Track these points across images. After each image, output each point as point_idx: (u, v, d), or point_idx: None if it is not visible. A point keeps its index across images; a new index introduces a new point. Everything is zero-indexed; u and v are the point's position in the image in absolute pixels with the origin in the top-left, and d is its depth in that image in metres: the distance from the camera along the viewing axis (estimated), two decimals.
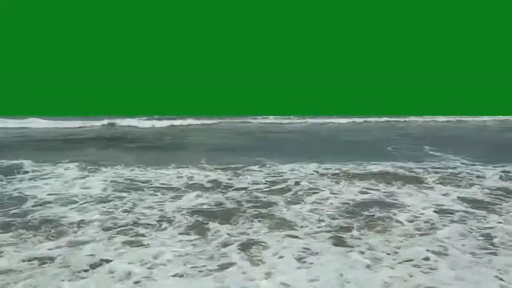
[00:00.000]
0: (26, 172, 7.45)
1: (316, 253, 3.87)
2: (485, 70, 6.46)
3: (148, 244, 4.08)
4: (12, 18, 6.19)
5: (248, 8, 6.25)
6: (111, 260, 3.70)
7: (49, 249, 3.94)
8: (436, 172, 7.40)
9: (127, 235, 4.34)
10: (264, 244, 4.09)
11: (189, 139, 12.90)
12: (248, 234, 4.37)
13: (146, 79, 6.61)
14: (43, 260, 3.71)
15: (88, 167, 7.82)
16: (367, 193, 6.05)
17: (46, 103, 6.75)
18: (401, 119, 19.33)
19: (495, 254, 3.89)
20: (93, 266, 3.61)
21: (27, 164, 7.98)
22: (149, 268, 3.57)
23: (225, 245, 4.07)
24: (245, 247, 4.02)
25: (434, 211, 5.16)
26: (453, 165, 8.12)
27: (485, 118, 19.52)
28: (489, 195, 5.92)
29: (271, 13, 6.26)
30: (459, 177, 7.06)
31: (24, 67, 6.41)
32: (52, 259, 3.74)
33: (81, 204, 5.50)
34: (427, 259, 3.75)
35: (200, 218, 4.88)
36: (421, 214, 5.06)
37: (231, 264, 3.64)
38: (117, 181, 6.73)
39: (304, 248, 4.00)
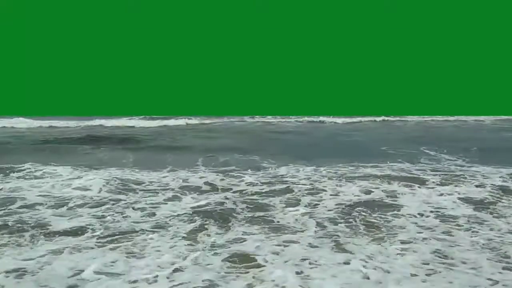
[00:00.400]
0: (17, 171, 7.22)
1: (317, 266, 3.60)
2: (484, 70, 6.37)
3: (135, 255, 3.80)
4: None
5: (243, 8, 6.13)
6: (90, 278, 3.39)
7: (27, 260, 3.66)
8: (438, 175, 7.14)
9: (115, 243, 4.07)
10: (260, 255, 3.80)
11: (185, 140, 12.63)
12: (246, 241, 4.12)
13: (139, 78, 6.47)
14: (17, 273, 3.43)
15: (80, 168, 7.60)
16: (367, 196, 5.82)
17: (35, 103, 6.59)
18: (398, 119, 19.09)
19: None
20: (71, 285, 3.31)
21: (17, 164, 7.75)
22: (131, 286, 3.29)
23: (218, 256, 3.78)
24: (240, 260, 3.72)
25: (438, 216, 4.94)
26: (454, 167, 7.89)
27: (484, 118, 19.29)
28: (496, 200, 5.65)
29: (266, 13, 6.16)
30: (462, 179, 6.82)
31: (9, 66, 6.24)
32: (29, 272, 3.45)
33: (70, 207, 5.27)
34: (435, 272, 3.49)
35: (194, 224, 4.63)
36: (425, 219, 4.83)
37: (223, 283, 3.32)
38: (109, 183, 6.48)
39: (303, 258, 3.74)
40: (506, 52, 6.09)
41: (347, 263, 3.65)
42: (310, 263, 3.63)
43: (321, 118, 18.60)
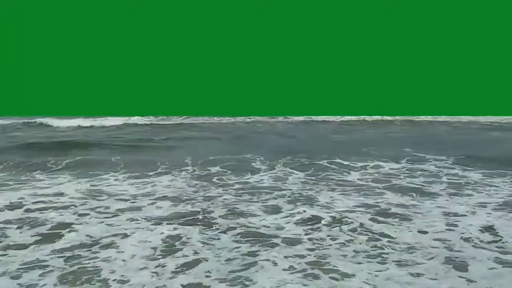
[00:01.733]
0: None
1: None
2: (484, 70, 6.25)
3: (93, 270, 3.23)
4: None
5: (237, 10, 6.03)
6: None
7: None
8: (445, 182, 6.53)
9: (67, 269, 3.45)
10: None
11: (171, 141, 11.98)
12: (218, 260, 3.54)
13: (127, 77, 6.45)
14: None
15: (49, 174, 7.22)
16: (363, 205, 5.23)
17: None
18: (390, 119, 18.54)
19: None
20: None
21: None
22: None
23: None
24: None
25: (445, 229, 4.33)
26: (454, 172, 7.31)
27: (482, 118, 18.84)
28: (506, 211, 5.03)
29: (259, 13, 6.06)
30: (466, 186, 6.26)
31: None
32: None
33: (28, 215, 4.82)
34: None
35: (167, 239, 4.09)
36: (429, 232, 4.22)
37: None
38: (81, 191, 6.01)
39: None
40: (506, 52, 5.95)
41: None
42: None
43: (312, 118, 18.13)
